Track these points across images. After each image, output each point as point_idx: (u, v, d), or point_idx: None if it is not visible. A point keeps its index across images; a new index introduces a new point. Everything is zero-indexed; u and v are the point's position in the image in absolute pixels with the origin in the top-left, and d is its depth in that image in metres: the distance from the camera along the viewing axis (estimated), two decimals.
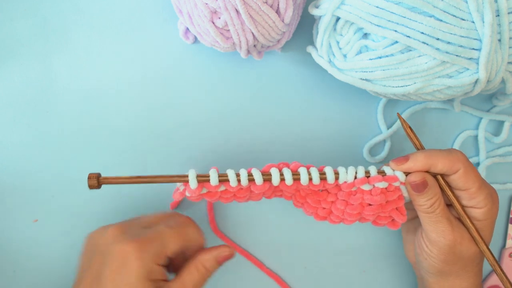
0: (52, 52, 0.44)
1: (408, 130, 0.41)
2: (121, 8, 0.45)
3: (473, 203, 0.38)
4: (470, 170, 0.38)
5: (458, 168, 0.37)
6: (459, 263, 0.39)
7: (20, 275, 0.44)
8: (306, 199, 0.41)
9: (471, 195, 0.38)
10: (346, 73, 0.40)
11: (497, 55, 0.36)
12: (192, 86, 0.46)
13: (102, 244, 0.36)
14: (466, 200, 0.39)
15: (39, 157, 0.44)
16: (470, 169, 0.38)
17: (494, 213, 0.39)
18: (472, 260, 0.39)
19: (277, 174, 0.37)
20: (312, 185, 0.38)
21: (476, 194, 0.38)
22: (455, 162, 0.37)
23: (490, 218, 0.39)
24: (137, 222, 0.38)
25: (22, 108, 0.44)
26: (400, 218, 0.40)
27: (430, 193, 0.38)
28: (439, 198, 0.38)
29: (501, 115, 0.49)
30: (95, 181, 0.35)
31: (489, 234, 0.39)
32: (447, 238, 0.38)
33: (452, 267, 0.39)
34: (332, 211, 0.41)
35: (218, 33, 0.39)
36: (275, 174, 0.37)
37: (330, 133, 0.48)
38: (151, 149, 0.46)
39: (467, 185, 0.38)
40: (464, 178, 0.38)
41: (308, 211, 0.42)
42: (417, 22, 0.35)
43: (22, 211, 0.44)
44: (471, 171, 0.38)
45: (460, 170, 0.37)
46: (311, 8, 0.41)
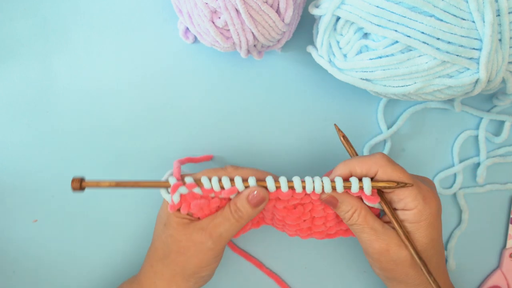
0: (52, 52, 0.44)
1: (342, 139, 0.41)
2: (121, 8, 0.45)
3: (402, 205, 0.37)
4: (391, 170, 0.37)
5: (375, 170, 0.37)
6: (397, 269, 0.38)
7: (20, 275, 0.44)
8: (285, 221, 0.41)
9: (398, 196, 0.37)
10: (346, 73, 0.40)
11: (497, 55, 0.36)
12: (192, 86, 0.46)
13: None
14: (395, 202, 0.38)
15: (39, 157, 0.44)
16: (391, 169, 0.37)
17: (429, 216, 0.37)
18: (409, 265, 0.37)
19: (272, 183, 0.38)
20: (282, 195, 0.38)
21: (403, 194, 0.37)
22: (372, 165, 0.37)
23: (424, 220, 0.37)
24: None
25: (22, 108, 0.44)
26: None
27: (344, 207, 0.38)
28: (357, 209, 0.38)
29: (501, 115, 0.49)
30: (77, 184, 0.35)
31: (424, 238, 0.37)
32: (373, 247, 0.38)
33: (393, 273, 0.39)
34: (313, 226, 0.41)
35: (218, 32, 0.39)
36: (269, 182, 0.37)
37: (330, 133, 0.48)
38: (151, 149, 0.46)
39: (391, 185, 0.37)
40: (385, 178, 0.37)
41: (291, 230, 0.42)
42: (418, 22, 0.35)
43: (22, 211, 0.44)
44: (393, 171, 0.37)
45: (378, 171, 0.37)
46: (311, 8, 0.41)
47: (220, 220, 0.38)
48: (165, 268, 0.39)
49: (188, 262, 0.38)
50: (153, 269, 0.39)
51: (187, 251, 0.38)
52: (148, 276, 0.40)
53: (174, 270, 0.39)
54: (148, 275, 0.40)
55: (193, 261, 0.38)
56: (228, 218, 0.38)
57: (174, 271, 0.39)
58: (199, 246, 0.38)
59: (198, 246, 0.38)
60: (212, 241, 0.38)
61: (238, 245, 0.47)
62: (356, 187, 0.37)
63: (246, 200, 0.37)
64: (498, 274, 0.50)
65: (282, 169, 0.47)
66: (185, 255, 0.38)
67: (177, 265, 0.38)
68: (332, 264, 0.48)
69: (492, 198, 0.51)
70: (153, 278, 0.39)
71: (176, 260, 0.38)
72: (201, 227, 0.38)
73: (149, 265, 0.40)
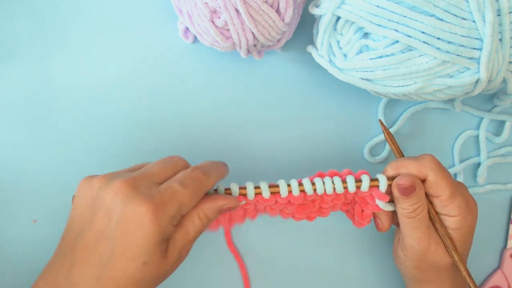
0: (51, 52, 0.44)
1: (388, 138, 0.41)
2: (121, 7, 0.45)
3: (446, 211, 0.37)
4: (441, 176, 0.36)
5: (426, 174, 0.37)
6: (433, 271, 0.38)
7: (19, 276, 0.44)
8: (294, 214, 0.41)
9: (442, 203, 0.37)
10: (347, 73, 0.40)
11: (498, 54, 0.36)
12: (192, 86, 0.46)
13: (108, 199, 0.32)
14: (439, 208, 0.38)
15: (38, 157, 0.44)
16: (441, 175, 0.36)
17: (470, 223, 0.37)
18: (447, 270, 0.38)
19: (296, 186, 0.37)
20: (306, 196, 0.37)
21: (448, 202, 0.37)
22: (423, 168, 0.37)
23: (466, 227, 0.37)
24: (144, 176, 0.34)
25: (21, 108, 0.44)
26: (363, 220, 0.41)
27: (416, 198, 0.37)
28: (423, 204, 0.37)
29: (502, 115, 0.49)
30: None
31: (465, 244, 0.38)
32: (421, 245, 0.38)
33: (426, 274, 0.39)
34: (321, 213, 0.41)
35: (218, 32, 0.39)
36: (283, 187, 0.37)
37: (331, 133, 0.48)
38: (151, 149, 0.46)
39: (438, 192, 0.37)
40: (434, 185, 0.37)
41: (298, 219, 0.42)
42: (418, 22, 0.35)
43: (21, 211, 0.44)
44: (442, 177, 0.36)
45: (429, 176, 0.37)
46: (311, 8, 0.41)
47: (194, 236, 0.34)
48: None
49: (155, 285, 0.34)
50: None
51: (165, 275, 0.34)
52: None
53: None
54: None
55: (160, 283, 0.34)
56: (201, 229, 0.34)
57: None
58: (177, 265, 0.34)
59: (176, 265, 0.34)
60: (187, 254, 0.35)
61: (235, 243, 0.47)
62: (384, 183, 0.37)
63: (218, 210, 0.35)
64: (498, 274, 0.50)
65: (282, 169, 0.47)
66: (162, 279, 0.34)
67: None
68: (332, 265, 0.48)
69: (493, 198, 0.50)
70: None
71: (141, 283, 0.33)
72: (180, 248, 0.34)
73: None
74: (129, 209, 0.31)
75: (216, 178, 0.36)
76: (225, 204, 0.35)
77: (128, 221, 0.31)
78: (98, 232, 0.32)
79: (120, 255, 0.31)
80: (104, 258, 0.32)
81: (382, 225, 0.40)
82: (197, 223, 0.34)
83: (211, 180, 0.35)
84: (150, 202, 0.31)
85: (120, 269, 0.31)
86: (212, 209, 0.34)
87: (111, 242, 0.31)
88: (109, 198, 0.32)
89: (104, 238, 0.32)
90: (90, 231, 0.33)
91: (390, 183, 0.37)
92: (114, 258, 0.31)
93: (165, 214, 0.32)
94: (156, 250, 0.31)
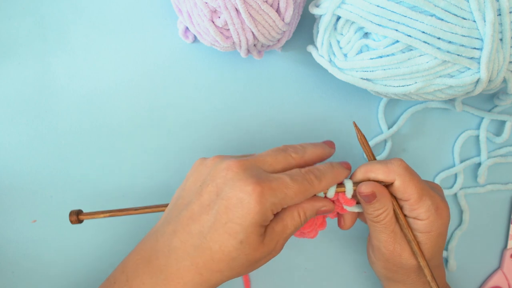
0: (50, 52, 0.44)
1: (361, 140, 0.40)
2: (120, 7, 0.45)
3: (415, 214, 0.37)
4: (409, 180, 0.36)
5: (393, 178, 0.36)
6: (401, 272, 0.39)
7: (18, 276, 0.44)
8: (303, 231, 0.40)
9: (410, 206, 0.37)
10: (347, 73, 0.40)
11: (498, 54, 0.36)
12: (192, 86, 0.46)
13: (219, 175, 0.34)
14: (407, 211, 0.37)
15: (38, 157, 0.44)
16: (408, 179, 0.36)
17: (440, 226, 0.37)
18: (414, 271, 0.38)
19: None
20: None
21: (416, 206, 0.36)
22: (390, 173, 0.36)
23: (435, 231, 0.37)
24: (257, 161, 0.35)
25: (20, 108, 0.44)
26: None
27: (378, 205, 0.37)
28: (387, 210, 0.37)
29: (502, 115, 0.49)
30: (74, 217, 0.36)
31: (434, 247, 0.38)
32: (387, 248, 0.38)
33: (395, 274, 0.39)
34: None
35: (218, 32, 0.39)
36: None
37: (331, 133, 0.48)
38: (150, 149, 0.46)
39: (405, 196, 0.36)
40: (402, 189, 0.36)
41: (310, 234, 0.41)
42: (418, 21, 0.35)
43: (21, 211, 0.44)
44: (410, 181, 0.36)
45: (396, 181, 0.36)
46: (311, 7, 0.40)
47: (292, 231, 0.35)
48: (223, 278, 0.34)
49: (252, 270, 0.35)
50: (203, 278, 0.34)
51: (259, 263, 0.35)
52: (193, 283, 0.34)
53: (229, 279, 0.35)
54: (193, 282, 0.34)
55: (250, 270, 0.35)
56: (298, 227, 0.36)
57: (229, 279, 0.35)
58: (271, 257, 0.36)
59: (270, 257, 0.36)
60: (281, 249, 0.36)
61: None
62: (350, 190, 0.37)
63: (316, 211, 0.36)
64: (499, 274, 0.50)
65: None
66: (254, 267, 0.35)
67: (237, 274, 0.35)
68: (332, 265, 0.48)
69: (493, 198, 0.50)
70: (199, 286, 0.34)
71: (241, 272, 0.35)
72: (276, 239, 0.35)
73: (197, 273, 0.34)
74: (236, 186, 0.33)
75: (328, 184, 0.36)
76: (322, 206, 0.36)
77: (233, 198, 0.33)
78: (204, 204, 0.34)
79: (219, 229, 0.33)
80: (205, 230, 0.33)
81: (344, 223, 0.40)
82: (296, 220, 0.35)
83: (321, 185, 0.36)
84: (257, 183, 0.33)
85: (218, 242, 0.33)
86: (311, 209, 0.36)
87: (214, 215, 0.33)
88: (220, 174, 0.34)
89: (209, 210, 0.33)
90: (197, 202, 0.34)
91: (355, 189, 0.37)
92: (214, 231, 0.33)
93: (268, 199, 0.33)
94: (254, 232, 0.33)
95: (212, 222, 0.33)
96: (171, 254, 0.34)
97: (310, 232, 0.40)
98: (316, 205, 0.36)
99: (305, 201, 0.36)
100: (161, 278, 0.34)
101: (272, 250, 0.35)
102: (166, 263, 0.34)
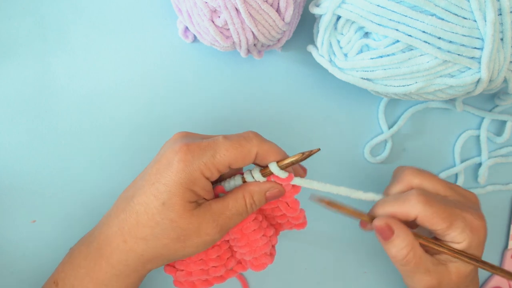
0: (50, 52, 0.44)
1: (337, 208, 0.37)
2: (120, 7, 0.45)
3: (449, 239, 0.35)
4: (431, 214, 0.34)
5: (414, 216, 0.34)
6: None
7: (18, 276, 0.44)
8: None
9: (443, 233, 0.35)
10: (347, 73, 0.40)
11: (499, 54, 0.36)
12: (192, 86, 0.46)
13: (163, 146, 0.35)
14: (441, 237, 0.35)
15: (38, 157, 0.44)
16: (430, 213, 0.34)
17: (478, 242, 0.35)
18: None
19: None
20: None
21: (449, 231, 0.34)
22: (409, 211, 0.34)
23: (474, 246, 0.35)
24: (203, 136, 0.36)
25: (20, 108, 0.44)
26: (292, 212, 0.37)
27: (400, 242, 0.34)
28: (413, 249, 0.34)
29: (503, 114, 0.49)
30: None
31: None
32: (423, 284, 0.35)
33: None
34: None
35: (217, 32, 0.39)
36: None
37: (331, 133, 0.48)
38: (151, 149, 0.45)
39: (434, 227, 0.34)
40: (427, 223, 0.34)
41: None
42: (419, 21, 0.35)
43: (20, 211, 0.44)
44: (433, 214, 0.34)
45: (418, 216, 0.34)
46: (311, 7, 0.40)
47: (233, 214, 0.34)
48: (148, 249, 0.33)
49: (183, 250, 0.33)
50: (128, 246, 0.33)
51: (188, 240, 0.33)
52: (119, 251, 0.33)
53: (158, 253, 0.33)
54: (119, 250, 0.33)
55: (188, 251, 0.33)
56: (242, 212, 0.34)
57: (159, 254, 0.33)
58: (204, 238, 0.33)
59: (203, 237, 0.33)
60: (219, 234, 0.33)
61: None
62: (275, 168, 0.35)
63: (264, 195, 0.35)
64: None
65: None
66: (183, 243, 0.33)
67: (166, 249, 0.33)
68: (333, 265, 0.48)
69: (494, 198, 0.50)
70: (125, 255, 0.33)
71: (168, 246, 0.33)
72: (212, 218, 0.33)
73: (121, 240, 0.33)
74: (168, 149, 0.33)
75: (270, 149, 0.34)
76: (270, 187, 0.35)
77: (163, 159, 0.33)
78: (143, 172, 0.35)
79: (147, 190, 0.32)
80: (134, 192, 0.33)
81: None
82: (240, 202, 0.34)
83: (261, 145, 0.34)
84: (185, 143, 0.32)
85: (143, 204, 0.32)
86: (258, 191, 0.35)
87: (145, 177, 0.33)
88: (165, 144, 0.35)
89: (143, 175, 0.34)
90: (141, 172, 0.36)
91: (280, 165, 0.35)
92: (142, 193, 0.33)
93: (196, 157, 0.32)
94: (178, 194, 0.31)
95: (142, 185, 0.33)
96: (106, 221, 0.35)
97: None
98: (263, 187, 0.35)
99: (251, 184, 0.35)
100: (94, 246, 0.34)
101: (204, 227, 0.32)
102: (101, 231, 0.35)
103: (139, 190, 0.33)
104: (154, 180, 0.32)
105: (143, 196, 0.32)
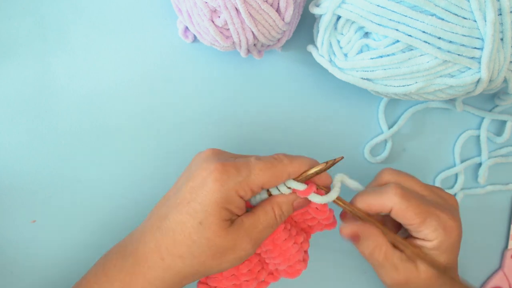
0: (50, 52, 0.44)
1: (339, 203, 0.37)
2: (120, 7, 0.45)
3: (422, 236, 0.36)
4: (406, 207, 0.35)
5: (389, 208, 0.35)
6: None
7: (18, 276, 0.44)
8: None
9: (415, 229, 0.36)
10: (347, 73, 0.40)
11: (499, 54, 0.36)
12: (192, 86, 0.46)
13: (194, 162, 0.35)
14: (414, 233, 0.36)
15: (38, 157, 0.44)
16: (405, 206, 0.35)
17: (450, 243, 0.36)
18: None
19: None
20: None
21: (421, 228, 0.35)
22: (385, 202, 0.35)
23: (446, 246, 0.36)
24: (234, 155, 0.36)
25: (20, 108, 0.44)
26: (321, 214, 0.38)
27: (365, 244, 0.36)
28: (378, 246, 0.36)
29: (503, 114, 0.49)
30: None
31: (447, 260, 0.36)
32: (391, 279, 0.37)
33: None
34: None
35: (217, 32, 0.39)
36: None
37: (331, 133, 0.48)
38: (151, 149, 0.45)
39: (406, 222, 0.35)
40: (400, 216, 0.35)
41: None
42: (419, 21, 0.35)
43: (20, 211, 0.44)
44: (407, 208, 0.35)
45: (393, 209, 0.35)
46: (311, 7, 0.40)
47: (265, 227, 0.34)
48: (185, 267, 0.33)
49: (218, 266, 0.33)
50: (165, 263, 0.33)
51: (224, 256, 0.33)
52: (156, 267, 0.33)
53: (195, 270, 0.33)
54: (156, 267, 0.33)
55: (224, 266, 0.33)
56: (273, 224, 0.34)
57: (195, 271, 0.33)
58: (240, 254, 0.33)
59: (238, 253, 0.33)
60: (254, 249, 0.34)
61: None
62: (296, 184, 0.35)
63: (291, 205, 0.35)
64: (500, 275, 0.50)
65: None
66: (219, 260, 0.33)
67: (202, 266, 0.33)
68: (333, 265, 0.48)
69: (494, 198, 0.50)
70: (162, 272, 0.33)
71: (205, 263, 0.33)
72: (246, 233, 0.33)
73: (159, 257, 0.33)
74: (202, 167, 0.33)
75: (301, 165, 0.35)
76: (296, 197, 0.35)
77: (198, 177, 0.33)
78: (175, 188, 0.35)
79: (182, 209, 0.32)
80: (169, 211, 0.33)
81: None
82: (269, 214, 0.34)
83: (292, 164, 0.34)
84: (220, 163, 0.32)
85: (179, 223, 0.32)
86: (286, 202, 0.35)
87: (180, 196, 0.33)
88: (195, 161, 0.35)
89: (176, 192, 0.34)
90: (172, 188, 0.36)
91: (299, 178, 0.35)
92: (177, 211, 0.33)
93: (231, 177, 0.32)
94: (214, 214, 0.32)
95: (177, 203, 0.33)
96: (141, 237, 0.34)
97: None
98: (290, 198, 0.35)
99: (277, 196, 0.35)
100: (130, 261, 0.34)
101: (239, 243, 0.33)
102: (137, 247, 0.34)
103: (174, 208, 0.33)
104: (190, 199, 0.32)
105: (179, 215, 0.32)
